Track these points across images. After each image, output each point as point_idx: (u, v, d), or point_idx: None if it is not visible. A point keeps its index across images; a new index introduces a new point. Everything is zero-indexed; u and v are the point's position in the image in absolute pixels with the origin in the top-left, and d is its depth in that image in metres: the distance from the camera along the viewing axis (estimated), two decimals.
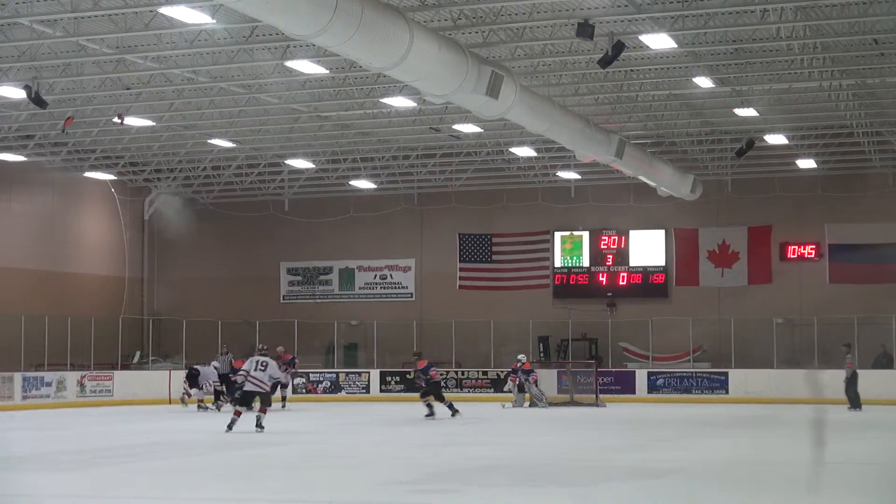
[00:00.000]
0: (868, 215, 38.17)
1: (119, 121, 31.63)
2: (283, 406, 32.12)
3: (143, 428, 26.73)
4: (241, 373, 24.38)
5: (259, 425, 23.18)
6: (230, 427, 23.11)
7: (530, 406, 33.17)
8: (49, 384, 34.68)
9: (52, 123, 33.12)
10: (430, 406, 28.97)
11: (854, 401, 30.25)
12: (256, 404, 23.84)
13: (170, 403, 36.13)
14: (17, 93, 28.16)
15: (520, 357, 33.73)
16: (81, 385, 35.45)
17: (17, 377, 34.11)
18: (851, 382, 30.52)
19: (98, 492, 14.82)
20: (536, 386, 33.59)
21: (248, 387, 23.83)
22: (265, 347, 26.14)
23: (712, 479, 15.85)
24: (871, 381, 32.99)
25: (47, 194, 39.88)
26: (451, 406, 29.15)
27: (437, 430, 25.37)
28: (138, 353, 40.36)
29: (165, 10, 22.25)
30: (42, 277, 39.32)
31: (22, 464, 18.08)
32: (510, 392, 34.38)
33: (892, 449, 21.02)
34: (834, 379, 30.75)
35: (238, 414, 23.61)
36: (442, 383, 31.66)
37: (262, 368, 23.83)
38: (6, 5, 22.59)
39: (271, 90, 29.94)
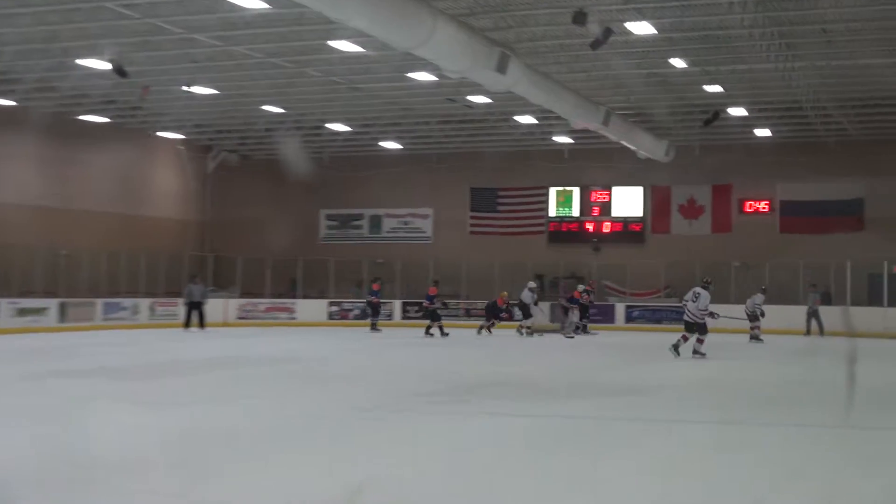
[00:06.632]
0: (813, 176, 38.16)
1: (187, 89, 31.80)
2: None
3: (197, 346, 26.93)
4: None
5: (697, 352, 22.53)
6: None
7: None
8: (125, 308, 35.02)
9: (131, 91, 33.11)
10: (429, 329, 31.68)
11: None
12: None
13: (224, 327, 36.42)
14: (102, 65, 28.16)
15: (579, 286, 34.05)
16: (152, 310, 35.77)
17: (99, 303, 34.47)
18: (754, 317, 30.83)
19: (164, 398, 14.96)
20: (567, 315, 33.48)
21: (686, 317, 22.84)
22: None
23: (686, 392, 16.05)
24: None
25: (126, 150, 39.98)
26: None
27: (448, 351, 25.46)
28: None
29: None
30: (121, 220, 39.53)
31: (98, 374, 18.31)
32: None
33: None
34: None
35: None
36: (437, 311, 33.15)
37: (695, 300, 22.81)
38: None
39: (315, 65, 29.94)
